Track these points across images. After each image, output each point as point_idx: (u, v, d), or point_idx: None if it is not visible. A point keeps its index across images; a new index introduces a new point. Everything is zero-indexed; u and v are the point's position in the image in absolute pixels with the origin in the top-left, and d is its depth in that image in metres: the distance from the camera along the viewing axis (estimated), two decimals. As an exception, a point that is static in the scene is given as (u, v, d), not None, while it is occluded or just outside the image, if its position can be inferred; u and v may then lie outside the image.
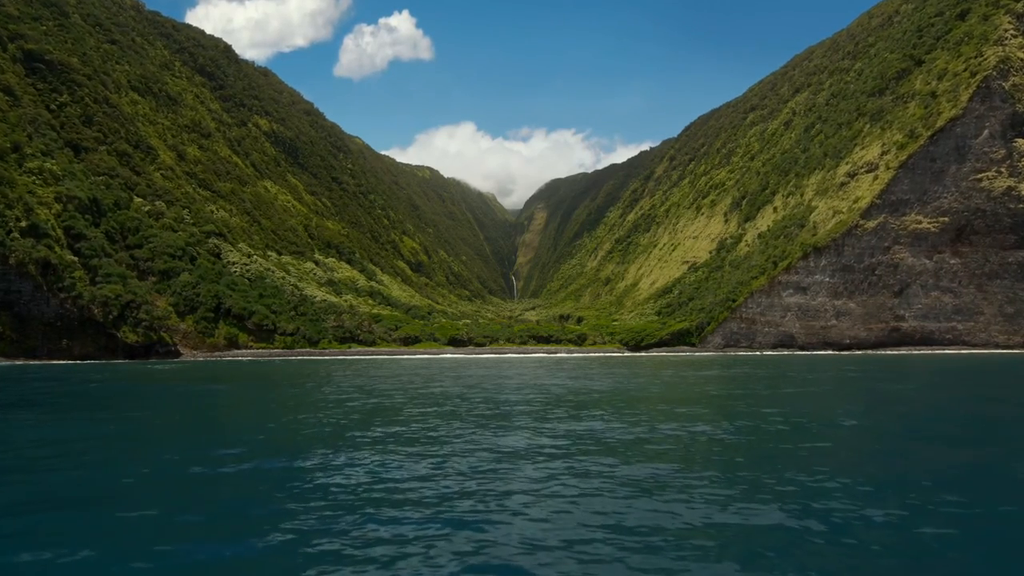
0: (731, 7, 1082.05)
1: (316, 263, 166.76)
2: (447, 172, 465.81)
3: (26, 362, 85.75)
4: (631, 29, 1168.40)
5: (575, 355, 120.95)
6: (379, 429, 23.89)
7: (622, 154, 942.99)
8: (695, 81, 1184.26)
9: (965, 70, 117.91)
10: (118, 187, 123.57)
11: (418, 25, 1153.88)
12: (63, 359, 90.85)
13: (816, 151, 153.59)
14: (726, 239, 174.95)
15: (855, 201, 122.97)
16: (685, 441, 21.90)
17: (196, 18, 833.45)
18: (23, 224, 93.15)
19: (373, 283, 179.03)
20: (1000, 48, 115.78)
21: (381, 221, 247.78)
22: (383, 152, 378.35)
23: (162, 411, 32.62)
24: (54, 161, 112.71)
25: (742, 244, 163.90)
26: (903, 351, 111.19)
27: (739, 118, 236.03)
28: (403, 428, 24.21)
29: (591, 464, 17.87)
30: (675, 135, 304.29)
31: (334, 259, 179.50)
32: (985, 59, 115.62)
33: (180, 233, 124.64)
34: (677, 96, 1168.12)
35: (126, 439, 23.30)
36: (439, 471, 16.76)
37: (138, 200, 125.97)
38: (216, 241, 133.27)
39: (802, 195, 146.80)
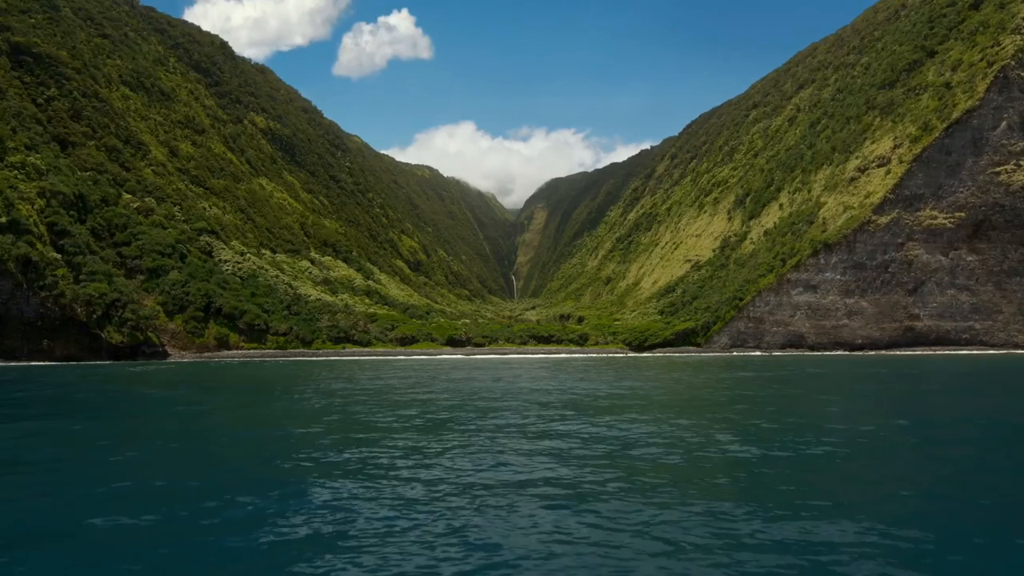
0: (731, 7, 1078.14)
1: (312, 262, 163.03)
2: (447, 171, 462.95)
3: (5, 363, 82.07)
4: (631, 28, 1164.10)
5: (578, 356, 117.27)
6: (333, 454, 19.59)
7: (622, 153, 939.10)
8: (695, 81, 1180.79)
9: (981, 60, 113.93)
10: (106, 183, 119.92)
11: (417, 24, 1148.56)
12: (44, 360, 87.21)
13: (823, 146, 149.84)
14: (730, 237, 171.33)
15: (867, 196, 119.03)
16: (745, 470, 18.14)
17: (194, 16, 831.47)
18: (2, 220, 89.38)
19: (370, 282, 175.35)
20: (1018, 37, 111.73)
21: (380, 220, 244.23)
22: (383, 152, 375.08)
23: (91, 424, 28.53)
24: (38, 155, 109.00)
25: (747, 242, 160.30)
26: (918, 351, 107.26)
27: (741, 115, 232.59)
28: (360, 453, 20.08)
29: (633, 509, 14.07)
30: (676, 134, 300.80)
31: (330, 258, 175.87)
32: (1003, 48, 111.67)
33: (170, 230, 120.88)
34: (677, 96, 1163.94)
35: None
36: (393, 530, 12.50)
37: (127, 196, 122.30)
38: (208, 239, 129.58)
39: (809, 191, 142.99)
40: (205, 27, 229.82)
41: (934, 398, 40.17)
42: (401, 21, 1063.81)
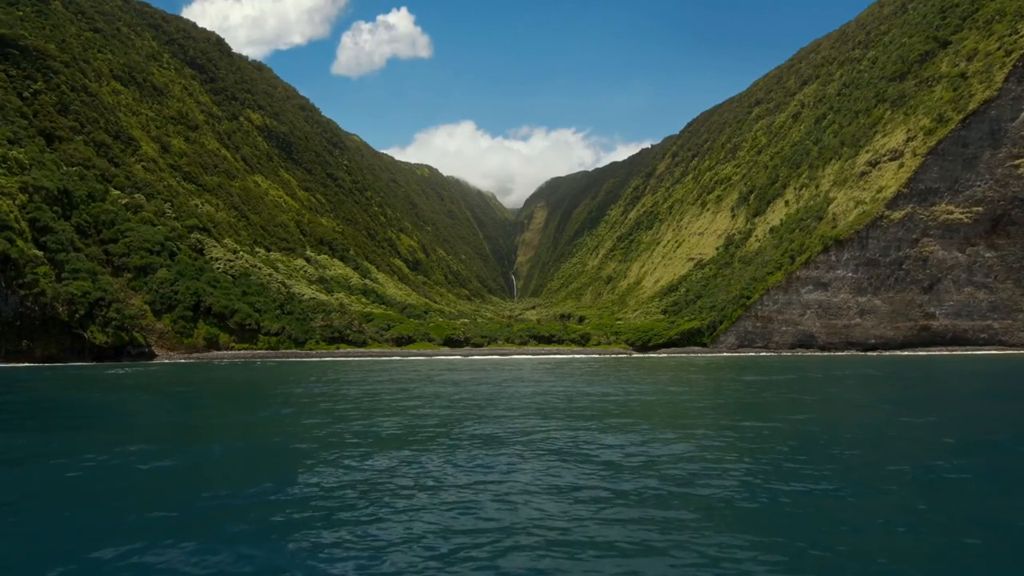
0: (731, 6, 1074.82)
1: (307, 260, 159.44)
2: (446, 171, 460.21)
3: (-19, 365, 78.38)
4: (632, 27, 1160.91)
5: (580, 356, 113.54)
6: (283, 486, 15.50)
7: (622, 153, 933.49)
8: (696, 80, 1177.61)
9: (999, 49, 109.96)
10: (93, 178, 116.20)
11: (416, 22, 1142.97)
12: (24, 362, 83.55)
13: (831, 141, 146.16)
14: (734, 235, 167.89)
15: (879, 191, 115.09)
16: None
17: (192, 14, 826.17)
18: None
19: (367, 281, 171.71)
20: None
21: (378, 218, 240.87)
22: (382, 151, 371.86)
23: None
24: (22, 149, 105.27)
25: (752, 239, 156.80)
26: (934, 352, 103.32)
27: (744, 112, 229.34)
28: (318, 483, 16.22)
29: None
30: (676, 133, 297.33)
31: (327, 256, 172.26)
32: (1021, 36, 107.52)
33: (160, 227, 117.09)
34: (678, 95, 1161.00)
35: None
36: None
37: (115, 192, 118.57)
38: (199, 236, 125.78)
39: (817, 187, 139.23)
40: (203, 25, 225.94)
41: (989, 406, 36.49)
42: (400, 20, 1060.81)
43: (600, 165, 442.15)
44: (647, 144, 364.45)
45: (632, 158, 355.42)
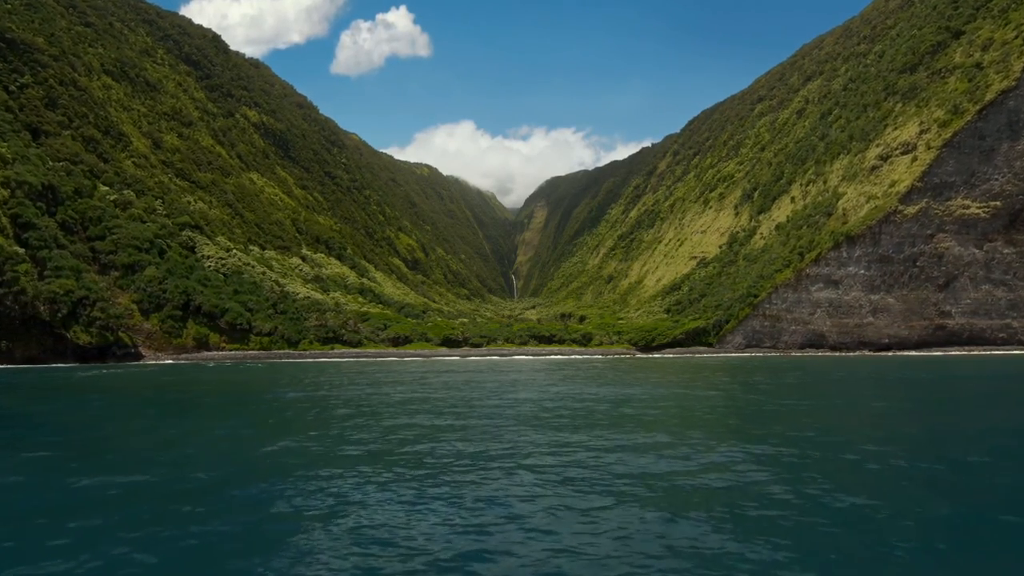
0: (732, 4, 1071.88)
1: (303, 259, 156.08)
2: (446, 171, 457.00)
3: (-44, 366, 74.91)
4: (632, 26, 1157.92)
5: (583, 357, 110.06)
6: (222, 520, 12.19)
7: (622, 152, 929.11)
8: (696, 79, 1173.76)
9: (1016, 38, 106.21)
10: (80, 174, 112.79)
11: (416, 21, 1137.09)
12: (2, 363, 79.97)
13: (839, 136, 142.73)
14: (738, 232, 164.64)
15: (891, 185, 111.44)
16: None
17: (190, 13, 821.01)
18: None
19: (364, 280, 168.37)
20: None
21: (376, 217, 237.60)
22: (382, 150, 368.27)
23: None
24: (6, 144, 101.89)
25: (757, 237, 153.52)
26: (950, 352, 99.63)
27: (746, 110, 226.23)
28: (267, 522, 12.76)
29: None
30: (677, 131, 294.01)
31: (323, 255, 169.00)
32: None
33: (149, 224, 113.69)
34: (678, 94, 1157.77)
35: None
36: None
37: (103, 188, 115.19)
38: (191, 234, 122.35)
39: (825, 182, 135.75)
40: (200, 23, 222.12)
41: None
42: (400, 19, 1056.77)
43: (600, 164, 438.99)
44: (647, 143, 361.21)
45: (632, 157, 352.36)
